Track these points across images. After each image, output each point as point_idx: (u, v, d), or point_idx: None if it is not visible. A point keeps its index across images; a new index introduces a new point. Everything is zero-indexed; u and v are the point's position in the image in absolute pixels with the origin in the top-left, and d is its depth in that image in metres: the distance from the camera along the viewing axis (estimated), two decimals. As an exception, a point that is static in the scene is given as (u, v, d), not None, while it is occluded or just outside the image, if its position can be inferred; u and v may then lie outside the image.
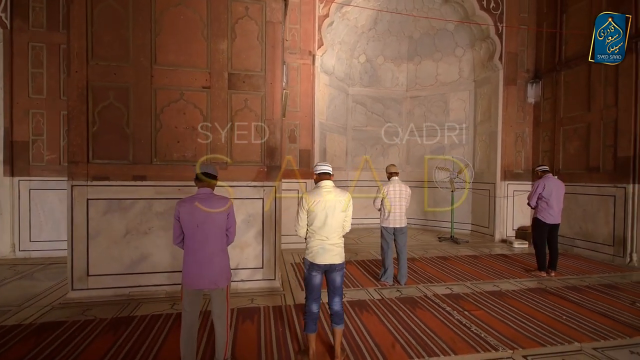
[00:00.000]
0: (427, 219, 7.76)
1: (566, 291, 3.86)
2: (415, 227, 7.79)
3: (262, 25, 3.75)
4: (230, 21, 3.67)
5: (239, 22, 3.70)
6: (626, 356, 2.48)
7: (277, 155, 3.81)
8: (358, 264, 4.95)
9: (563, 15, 6.05)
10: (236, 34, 3.69)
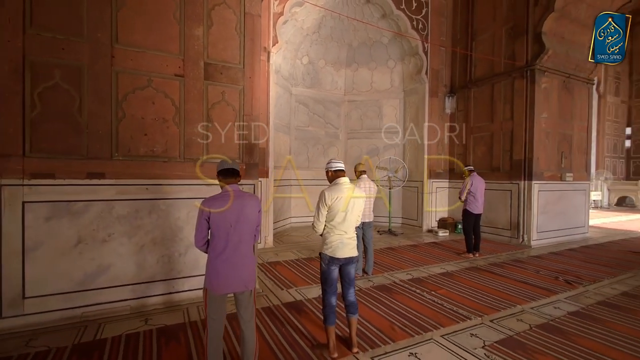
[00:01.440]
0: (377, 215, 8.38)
1: (491, 267, 4.79)
2: (353, 223, 8.35)
3: (241, 16, 3.58)
4: (206, 6, 3.39)
5: (215, 8, 3.44)
6: (552, 310, 3.28)
7: (256, 153, 3.69)
8: (320, 259, 5.10)
9: (473, 42, 7.37)
10: (213, 21, 3.43)
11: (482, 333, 2.77)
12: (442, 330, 2.81)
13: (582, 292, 3.79)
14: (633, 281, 4.21)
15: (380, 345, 2.55)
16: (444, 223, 7.50)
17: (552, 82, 6.45)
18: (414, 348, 2.53)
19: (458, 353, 2.45)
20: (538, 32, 6.11)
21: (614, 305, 3.40)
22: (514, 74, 6.45)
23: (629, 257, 5.42)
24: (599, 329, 2.88)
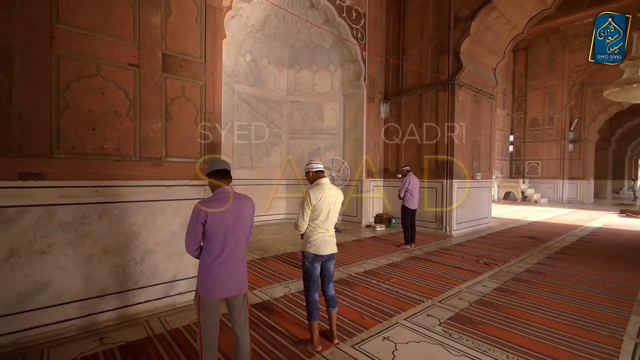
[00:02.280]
0: (306, 213, 8.59)
1: (427, 255, 5.46)
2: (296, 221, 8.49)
3: (202, 7, 3.39)
4: (163, -8, 3.13)
5: (174, -4, 3.20)
6: (482, 288, 3.94)
7: (218, 151, 3.54)
8: (276, 259, 5.12)
9: (404, 55, 8.18)
10: (171, 9, 3.19)
11: (436, 313, 3.20)
12: (404, 314, 3.15)
13: (498, 272, 4.62)
14: (530, 260, 5.29)
15: (356, 334, 2.76)
16: (380, 218, 8.17)
17: (467, 95, 7.58)
18: (385, 332, 2.80)
19: (422, 332, 2.80)
20: (457, 51, 7.13)
21: (522, 280, 4.25)
22: (438, 86, 7.41)
23: (523, 241, 6.75)
24: (517, 299, 3.59)
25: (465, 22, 6.97)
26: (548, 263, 5.09)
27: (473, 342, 2.64)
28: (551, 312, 3.25)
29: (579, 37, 15.04)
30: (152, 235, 3.08)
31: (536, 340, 2.68)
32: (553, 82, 16.18)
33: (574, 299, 3.59)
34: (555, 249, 6.11)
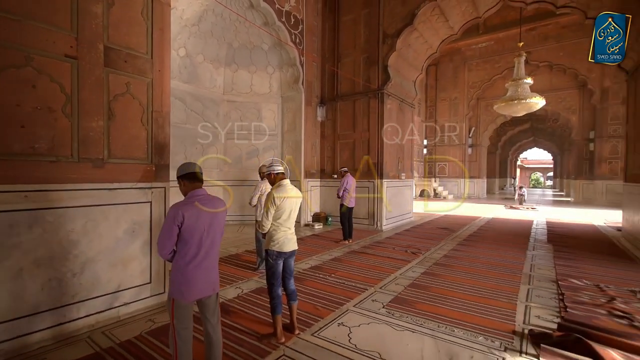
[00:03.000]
0: (245, 214, 8.51)
1: (364, 249, 5.99)
2: (235, 223, 8.34)
3: (149, 0, 3.22)
4: (104, -20, 2.90)
5: (116, -14, 2.99)
6: (412, 273, 4.55)
7: (166, 152, 3.40)
8: (221, 262, 5.02)
9: (339, 62, 8.71)
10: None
11: (379, 298, 3.64)
12: (353, 302, 3.51)
13: (423, 259, 5.36)
14: (446, 247, 6.23)
15: (314, 324, 2.99)
16: (318, 217, 8.56)
17: (393, 104, 8.46)
18: (339, 319, 3.09)
19: (370, 315, 3.18)
20: (385, 64, 7.91)
21: (442, 264, 5.02)
22: (370, 95, 8.11)
23: (439, 232, 7.84)
24: (440, 280, 4.26)
25: (392, 39, 7.78)
26: (459, 249, 6.07)
27: (411, 318, 3.11)
28: (465, 287, 3.97)
29: (475, 59, 17.86)
30: (93, 244, 2.84)
31: (457, 310, 3.29)
32: (456, 95, 18.82)
33: (480, 276, 4.43)
34: (463, 237, 7.28)
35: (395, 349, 2.57)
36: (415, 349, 2.57)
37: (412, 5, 7.47)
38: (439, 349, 2.58)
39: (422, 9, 7.37)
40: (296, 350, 2.53)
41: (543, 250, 6.00)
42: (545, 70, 15.99)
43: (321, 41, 8.95)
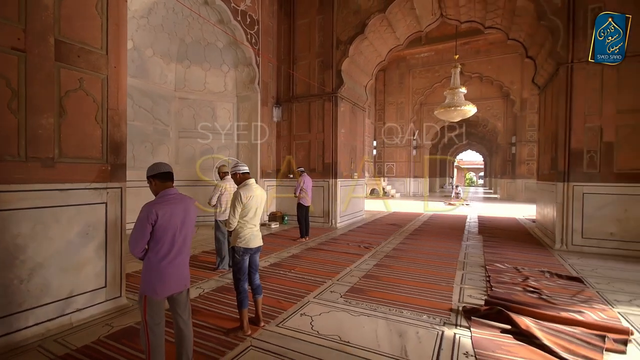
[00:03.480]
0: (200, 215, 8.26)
1: (320, 246, 6.27)
2: (187, 224, 8.07)
3: (102, -6, 3.10)
4: (54, -30, 2.76)
5: (67, -24, 2.85)
6: (366, 266, 4.93)
7: (123, 151, 3.30)
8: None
9: (294, 65, 8.90)
10: (64, -10, 2.83)
11: (337, 289, 3.92)
12: (313, 294, 3.74)
13: (375, 252, 5.80)
14: (395, 241, 6.78)
15: (278, 316, 3.17)
16: (274, 216, 8.67)
17: (346, 107, 8.89)
18: (301, 310, 3.31)
19: (329, 304, 3.44)
20: (339, 69, 8.30)
21: (391, 256, 5.50)
22: (324, 97, 8.44)
23: (389, 228, 8.45)
24: (390, 270, 4.69)
25: (345, 45, 8.19)
26: (406, 242, 6.66)
27: (366, 304, 3.44)
28: (411, 275, 4.44)
29: (419, 67, 19.30)
30: (42, 248, 2.68)
31: (405, 295, 3.70)
32: (402, 100, 20.13)
33: (423, 265, 4.96)
34: (409, 231, 7.95)
35: (353, 331, 2.86)
36: (370, 330, 2.88)
37: (363, 16, 7.95)
38: (390, 328, 2.92)
39: (372, 20, 7.87)
40: (262, 340, 2.69)
41: (475, 241, 6.84)
42: (477, 80, 17.87)
43: (277, 43, 9.05)
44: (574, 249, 5.93)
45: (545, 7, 6.09)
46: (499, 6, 7.29)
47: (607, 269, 4.85)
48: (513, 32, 7.82)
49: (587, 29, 5.79)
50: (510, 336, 2.79)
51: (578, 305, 3.41)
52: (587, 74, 5.84)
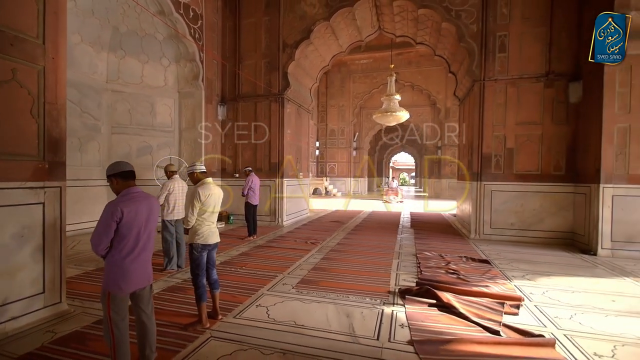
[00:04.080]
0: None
1: (269, 243, 6.44)
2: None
3: (39, -20, 2.90)
4: (-16, -50, 2.53)
5: (0, -42, 2.63)
6: (313, 260, 5.27)
7: (62, 148, 3.11)
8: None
9: (240, 64, 8.86)
10: (-4, -27, 2.60)
11: (288, 281, 4.17)
12: (266, 287, 3.94)
13: (321, 247, 6.18)
14: (338, 236, 7.25)
15: (234, 309, 3.31)
16: (220, 216, 8.53)
17: (292, 108, 9.15)
18: (256, 302, 3.49)
19: (282, 295, 3.69)
20: (285, 71, 8.52)
21: (337, 250, 5.93)
22: (271, 98, 8.58)
23: (332, 225, 8.94)
24: (336, 263, 5.09)
25: (291, 49, 8.44)
26: (349, 237, 7.18)
27: (316, 293, 3.76)
28: (355, 265, 4.90)
29: (359, 73, 20.42)
30: (-31, 252, 2.45)
31: (350, 283, 4.12)
32: (343, 103, 21.08)
33: (365, 256, 5.48)
34: (351, 227, 8.54)
35: (306, 316, 3.15)
36: (322, 314, 3.21)
37: (309, 22, 8.29)
38: (339, 311, 3.28)
39: (317, 26, 8.26)
40: (222, 331, 2.83)
41: (407, 234, 7.66)
42: (409, 89, 19.56)
43: (222, 40, 8.91)
44: (485, 238, 7.05)
45: (464, 31, 7.13)
46: (427, 26, 8.25)
47: (508, 252, 5.92)
48: (439, 49, 8.90)
49: (496, 53, 6.97)
50: (436, 309, 3.35)
51: (485, 281, 4.19)
52: (495, 90, 7.01)
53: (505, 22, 6.87)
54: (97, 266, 4.66)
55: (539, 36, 6.71)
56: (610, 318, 3.19)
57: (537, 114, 6.78)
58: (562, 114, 6.66)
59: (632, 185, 5.62)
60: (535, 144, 6.83)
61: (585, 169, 6.25)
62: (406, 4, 7.71)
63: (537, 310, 3.37)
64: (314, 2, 8.22)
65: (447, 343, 2.65)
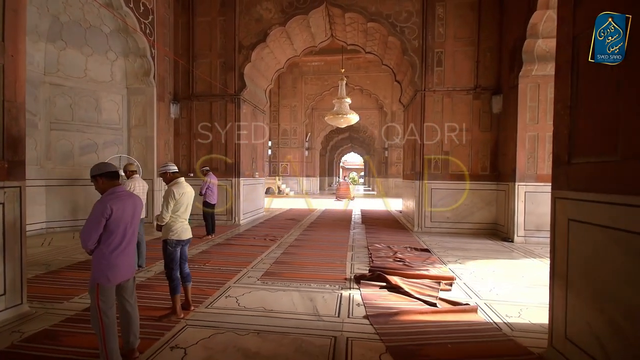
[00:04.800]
0: (78, 219, 7.29)
1: (228, 241, 6.57)
2: (67, 230, 7.02)
3: (-4, -26, 2.81)
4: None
5: (-46, -51, 2.53)
6: (274, 254, 5.56)
7: (22, 147, 3.02)
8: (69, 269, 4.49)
9: (194, 62, 8.74)
10: (-50, -36, 2.50)
11: (253, 274, 4.43)
12: (232, 280, 4.16)
13: (280, 243, 6.49)
14: (295, 233, 7.61)
15: (204, 300, 3.50)
16: (173, 217, 8.34)
17: (248, 109, 9.27)
18: (225, 294, 3.71)
19: (249, 286, 3.95)
20: (241, 72, 8.62)
21: (295, 245, 6.28)
22: (227, 98, 8.62)
23: (288, 223, 9.26)
24: (296, 256, 5.45)
25: (247, 50, 8.57)
26: (305, 233, 7.58)
27: (281, 283, 4.09)
28: (313, 258, 5.32)
29: (310, 74, 20.94)
30: None
31: (311, 273, 4.51)
32: (295, 103, 21.44)
33: (322, 250, 5.92)
34: (307, 224, 8.95)
35: (274, 302, 3.47)
36: (287, 300, 3.55)
37: (265, 25, 8.50)
38: (303, 297, 3.65)
39: (273, 30, 8.50)
40: (197, 320, 3.03)
41: (359, 229, 8.30)
42: (358, 92, 20.60)
43: (174, 36, 8.70)
44: (426, 230, 7.96)
45: (407, 45, 7.95)
46: (376, 37, 8.98)
47: (444, 242, 6.81)
48: (386, 59, 9.72)
49: (434, 67, 7.90)
50: (386, 290, 3.90)
51: (426, 266, 4.88)
52: (434, 100, 7.95)
53: (442, 40, 7.84)
54: (49, 269, 4.43)
55: (468, 54, 7.79)
56: (519, 289, 4.02)
57: (468, 122, 7.86)
58: (487, 123, 7.81)
59: (539, 183, 6.84)
60: (466, 148, 7.90)
61: (505, 170, 7.43)
62: (357, 17, 8.33)
63: (465, 287, 4.09)
64: (270, 7, 8.46)
65: (395, 315, 3.18)
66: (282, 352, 2.50)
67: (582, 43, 2.15)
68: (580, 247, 2.13)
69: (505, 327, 2.97)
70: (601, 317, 1.93)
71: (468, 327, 2.99)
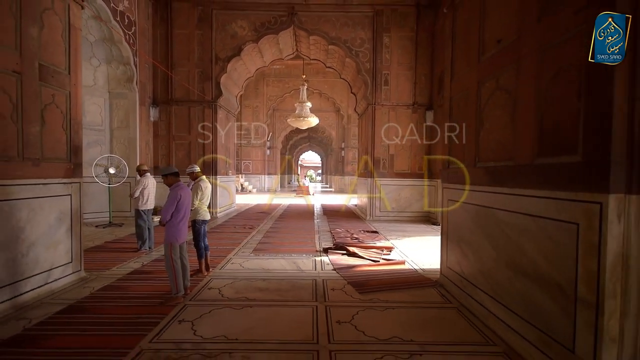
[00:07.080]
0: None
1: (212, 230, 7.70)
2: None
3: (66, 25, 3.81)
4: (37, 7, 3.42)
5: (46, 12, 3.53)
6: (256, 238, 6.88)
7: (80, 153, 4.03)
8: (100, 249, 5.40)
9: (173, 70, 9.58)
10: (44, 23, 3.50)
11: (245, 250, 5.73)
12: (230, 255, 5.44)
13: (258, 230, 7.78)
14: (270, 223, 8.93)
15: (216, 267, 4.76)
16: (156, 210, 9.13)
17: (223, 114, 10.32)
18: (230, 262, 4.99)
19: (246, 257, 5.27)
20: (218, 81, 9.67)
21: (271, 231, 7.63)
22: (204, 104, 9.61)
23: (260, 215, 10.51)
24: (275, 239, 6.83)
25: (223, 62, 9.63)
26: (278, 223, 8.95)
27: (269, 254, 5.46)
28: (289, 239, 6.74)
29: (272, 77, 22.02)
30: (34, 230, 3.36)
31: (291, 248, 5.94)
32: (257, 104, 22.39)
33: (295, 233, 7.36)
34: (277, 216, 10.30)
35: (269, 265, 4.85)
36: (278, 264, 4.95)
37: (239, 41, 9.62)
38: (288, 262, 5.07)
39: (247, 46, 9.67)
40: (216, 276, 4.31)
41: (322, 219, 9.86)
42: (317, 95, 22.17)
43: (153, 45, 9.44)
44: (376, 219, 9.76)
45: (361, 66, 9.65)
46: (335, 56, 10.57)
47: (389, 226, 8.63)
48: (344, 74, 11.38)
49: (382, 85, 9.69)
50: (346, 255, 5.47)
51: (374, 241, 6.57)
52: (382, 112, 9.75)
53: (388, 64, 9.66)
54: (68, 253, 5.31)
55: (408, 77, 9.71)
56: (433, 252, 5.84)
57: (408, 131, 9.78)
58: (422, 132, 9.81)
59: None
60: (407, 151, 9.83)
61: (434, 170, 9.47)
62: (319, 39, 9.83)
63: (400, 253, 5.82)
64: (244, 25, 9.61)
65: (352, 267, 4.76)
66: (283, 287, 3.92)
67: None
68: (453, 215, 3.85)
69: (420, 271, 4.69)
70: (459, 250, 3.65)
71: (397, 271, 4.66)
